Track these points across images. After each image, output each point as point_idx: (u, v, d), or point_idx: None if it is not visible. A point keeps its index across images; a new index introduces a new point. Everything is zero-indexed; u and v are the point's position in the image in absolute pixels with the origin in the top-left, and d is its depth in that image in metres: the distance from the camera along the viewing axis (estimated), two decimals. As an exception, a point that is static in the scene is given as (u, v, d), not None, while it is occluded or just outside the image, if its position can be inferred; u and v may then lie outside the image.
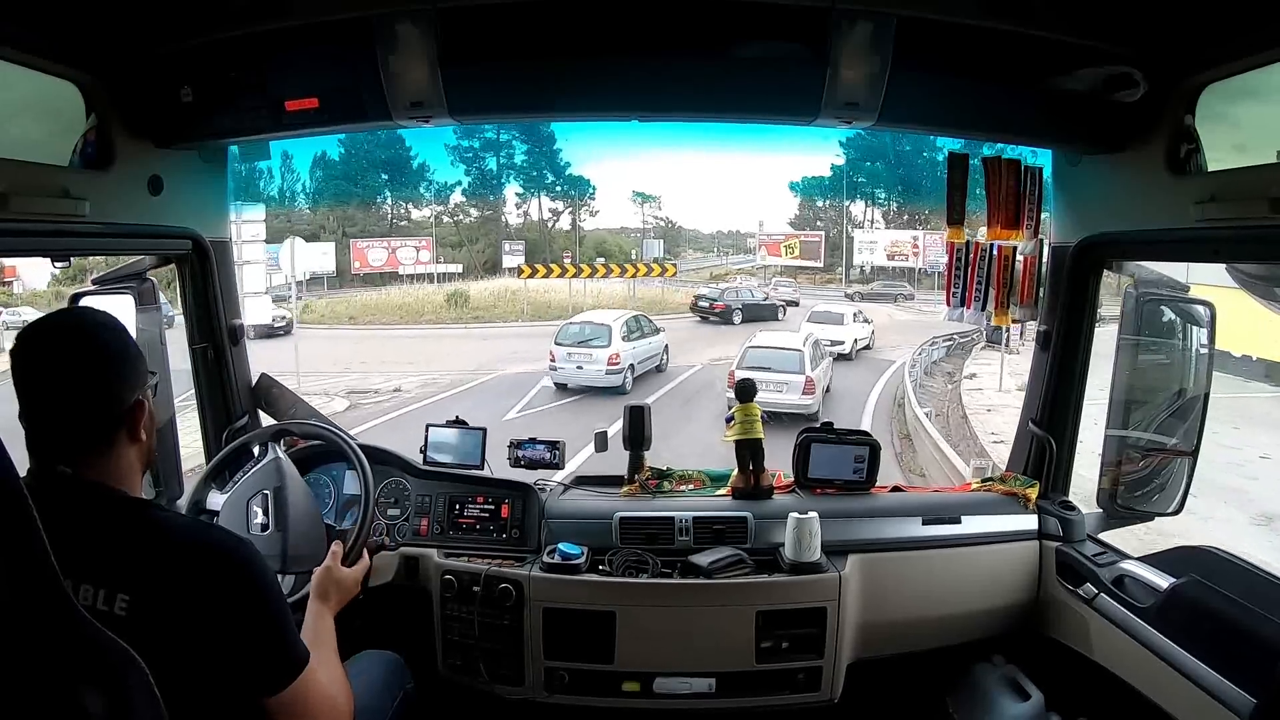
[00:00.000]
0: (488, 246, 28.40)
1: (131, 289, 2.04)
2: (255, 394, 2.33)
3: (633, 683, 1.93)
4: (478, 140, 28.07)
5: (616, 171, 36.42)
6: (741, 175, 38.36)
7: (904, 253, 28.67)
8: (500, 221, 30.03)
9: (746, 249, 32.02)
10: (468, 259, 27.92)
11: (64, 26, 1.55)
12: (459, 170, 29.92)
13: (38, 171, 1.58)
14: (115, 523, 1.06)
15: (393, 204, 29.31)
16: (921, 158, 29.06)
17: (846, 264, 29.59)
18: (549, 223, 30.61)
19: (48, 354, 1.09)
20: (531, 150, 29.36)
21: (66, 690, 0.82)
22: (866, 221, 30.56)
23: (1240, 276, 1.75)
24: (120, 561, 1.02)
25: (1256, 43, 1.43)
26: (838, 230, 30.34)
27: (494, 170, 29.64)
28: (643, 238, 29.64)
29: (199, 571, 1.05)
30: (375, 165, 28.32)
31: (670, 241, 31.02)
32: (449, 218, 29.82)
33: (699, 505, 2.15)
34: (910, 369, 15.03)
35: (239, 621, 1.06)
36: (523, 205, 30.37)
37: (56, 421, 1.08)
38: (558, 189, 30.03)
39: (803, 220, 31.34)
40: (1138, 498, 2.06)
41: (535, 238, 29.10)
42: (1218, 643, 1.53)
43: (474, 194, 29.94)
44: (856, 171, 30.50)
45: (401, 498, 2.16)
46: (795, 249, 30.08)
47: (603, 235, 30.61)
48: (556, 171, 29.85)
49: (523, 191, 29.96)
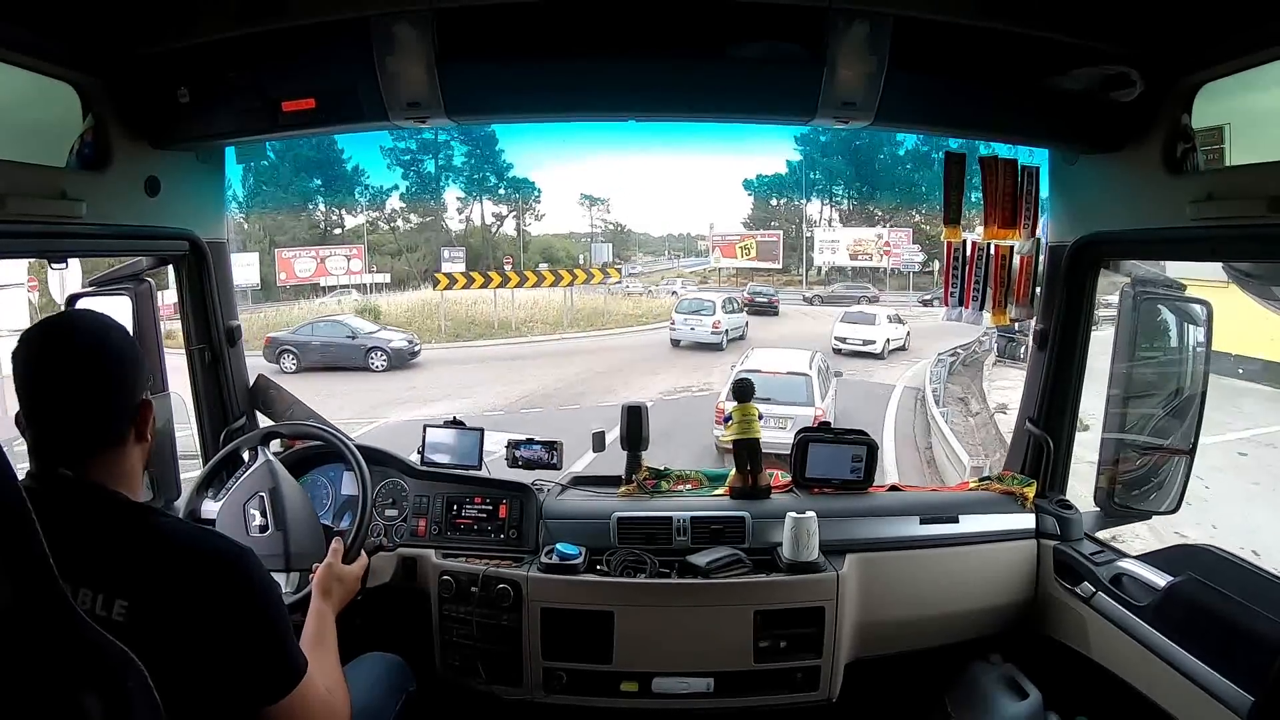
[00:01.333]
0: (428, 254, 26.00)
1: (128, 290, 2.04)
2: (253, 395, 2.32)
3: (631, 683, 1.93)
4: (414, 141, 25.70)
5: (563, 174, 35.25)
6: (693, 176, 36.80)
7: (868, 251, 26.65)
8: (441, 227, 27.85)
9: (698, 252, 30.13)
10: (406, 268, 25.74)
11: (61, 27, 1.55)
12: (395, 174, 27.78)
13: (35, 173, 1.58)
14: (116, 527, 1.05)
15: (326, 210, 26.74)
16: (883, 152, 27.39)
17: (806, 264, 27.48)
18: (492, 228, 28.50)
19: (54, 356, 1.08)
20: (472, 152, 26.99)
21: (66, 694, 0.82)
22: (823, 220, 28.59)
23: (1237, 275, 1.76)
24: (120, 567, 1.01)
25: (1252, 42, 1.43)
26: (795, 229, 28.28)
27: (433, 173, 27.37)
28: (591, 242, 27.86)
29: (199, 579, 1.04)
30: (306, 169, 25.60)
31: (620, 245, 29.21)
32: (385, 224, 27.50)
33: (697, 505, 2.15)
34: (920, 399, 12.61)
35: (238, 630, 1.05)
36: (465, 210, 28.19)
37: (62, 424, 1.07)
38: (500, 192, 27.90)
39: (757, 220, 29.13)
40: (1135, 496, 2.06)
41: (478, 244, 27.31)
42: (1215, 641, 1.54)
43: (413, 198, 27.51)
44: (814, 167, 28.35)
45: (399, 498, 2.16)
46: (752, 250, 27.73)
47: (549, 240, 28.99)
48: (499, 173, 27.66)
49: (464, 195, 27.75)
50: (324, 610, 1.47)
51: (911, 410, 12.58)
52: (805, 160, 27.99)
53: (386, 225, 27.30)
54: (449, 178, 27.40)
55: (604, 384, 14.33)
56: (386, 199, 27.15)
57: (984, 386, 13.57)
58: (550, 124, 1.96)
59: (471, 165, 27.37)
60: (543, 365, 16.00)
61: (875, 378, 15.05)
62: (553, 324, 20.87)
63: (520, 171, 27.39)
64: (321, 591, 1.50)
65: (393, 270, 25.19)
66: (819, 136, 24.83)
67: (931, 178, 26.04)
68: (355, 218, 26.71)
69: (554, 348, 18.28)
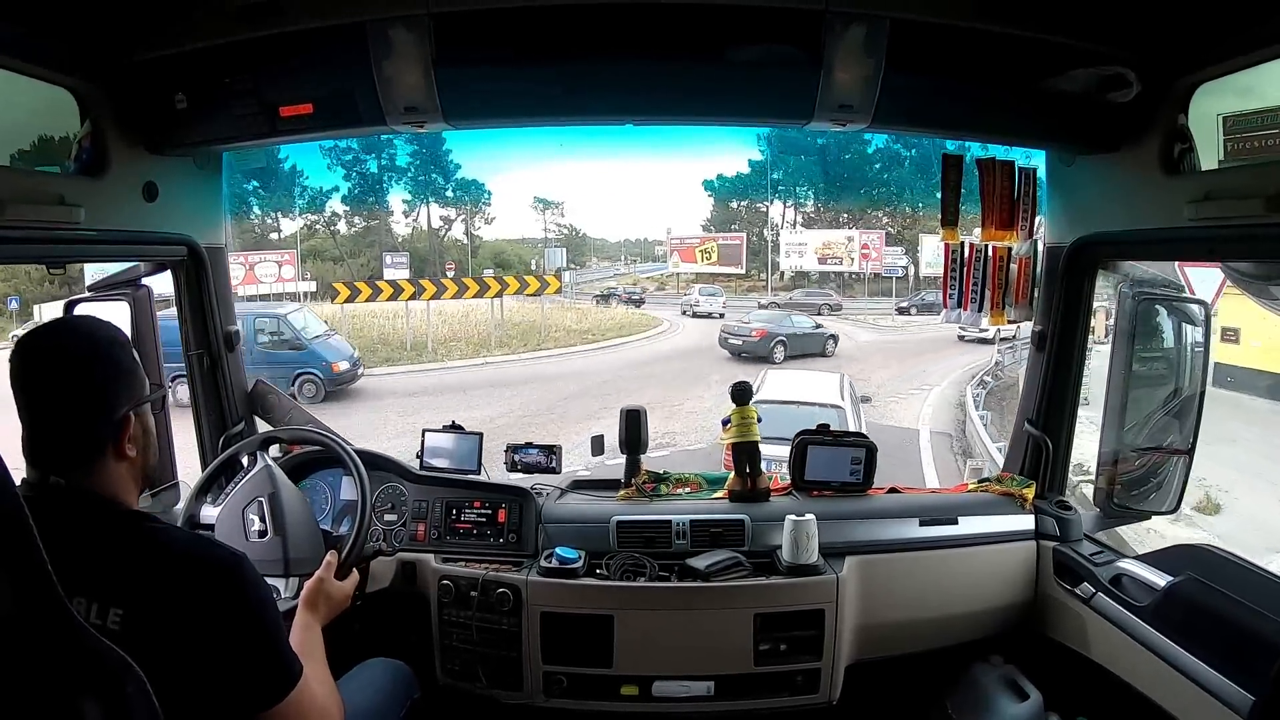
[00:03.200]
0: (371, 260, 23.81)
1: (127, 295, 2.04)
2: (251, 400, 2.32)
3: (631, 686, 1.93)
4: (356, 140, 22.74)
5: (516, 177, 33.06)
6: (652, 179, 35.88)
7: (838, 255, 24.57)
8: (386, 231, 26.02)
9: (656, 257, 28.60)
10: (349, 275, 23.19)
11: (58, 33, 1.55)
12: (337, 175, 25.02)
13: (33, 178, 1.58)
14: (109, 536, 1.05)
15: (262, 214, 24.47)
16: (851, 151, 25.49)
17: (771, 269, 25.62)
18: (440, 232, 26.77)
19: (40, 363, 1.09)
20: (417, 152, 24.99)
21: (65, 700, 0.82)
22: (786, 223, 26.65)
23: (1235, 275, 1.76)
24: (114, 575, 1.01)
25: (1248, 42, 1.44)
26: (758, 232, 26.48)
27: (376, 173, 25.35)
28: (545, 247, 26.61)
29: (193, 586, 1.04)
30: (241, 170, 23.05)
31: (575, 250, 28.15)
32: (324, 228, 25.41)
33: (696, 508, 2.14)
34: (960, 449, 10.20)
35: (233, 636, 1.05)
36: (411, 213, 26.32)
37: (47, 432, 1.08)
38: (448, 195, 26.17)
39: (718, 222, 27.36)
40: (1134, 497, 2.06)
41: (425, 249, 25.63)
42: (1216, 640, 1.54)
43: (355, 201, 25.39)
44: (778, 166, 26.35)
45: (398, 503, 2.16)
46: (713, 254, 25.74)
47: (501, 245, 27.55)
48: (446, 174, 25.86)
49: (410, 198, 25.95)
50: (310, 623, 1.46)
51: (954, 460, 10.06)
52: (769, 159, 26.23)
53: (327, 229, 25.48)
54: (393, 179, 25.62)
55: (535, 434, 9.82)
56: (327, 201, 25.12)
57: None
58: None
59: (417, 166, 25.71)
60: (452, 403, 12.23)
61: (889, 419, 11.74)
62: (478, 344, 17.25)
63: (470, 173, 25.80)
64: (308, 605, 1.49)
65: (334, 277, 22.59)
66: (784, 133, 22.79)
67: (903, 176, 24.96)
68: (293, 222, 24.74)
69: (474, 377, 14.66)
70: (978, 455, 9.26)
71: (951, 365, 14.72)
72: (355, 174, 24.93)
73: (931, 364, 14.92)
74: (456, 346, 17.10)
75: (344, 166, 24.41)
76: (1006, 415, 9.98)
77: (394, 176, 25.48)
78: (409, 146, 24.38)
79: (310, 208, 24.78)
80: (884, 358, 16.44)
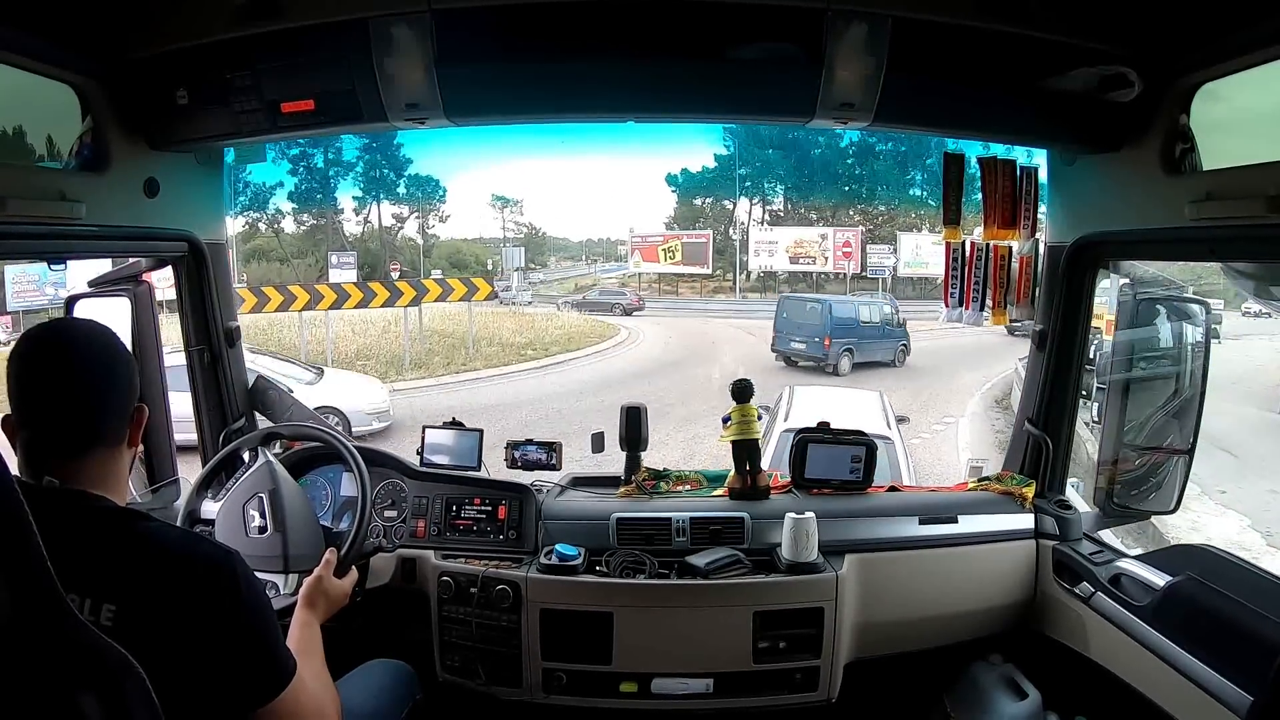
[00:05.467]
0: (320, 260, 22.10)
1: (127, 291, 2.04)
2: (251, 396, 2.32)
3: (630, 683, 1.93)
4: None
5: (473, 174, 31.47)
6: (616, 178, 34.48)
7: (810, 254, 22.87)
8: (335, 230, 24.44)
9: (618, 256, 27.00)
10: (294, 276, 21.79)
11: (59, 29, 1.55)
12: (282, 169, 22.93)
13: (33, 174, 1.58)
14: (103, 533, 1.05)
15: None
16: (822, 146, 23.86)
17: (739, 268, 24.13)
18: (393, 230, 25.46)
19: (57, 355, 1.10)
20: (367, 145, 23.31)
21: (63, 696, 0.82)
22: (752, 220, 25.11)
23: (1236, 275, 1.75)
24: (107, 572, 1.02)
25: (1251, 42, 1.43)
26: (725, 230, 24.92)
27: (322, 168, 23.59)
28: (503, 246, 25.30)
29: (185, 583, 1.04)
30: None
31: (535, 250, 26.91)
32: (266, 226, 23.87)
33: (696, 506, 2.15)
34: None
35: (223, 634, 1.06)
36: (363, 211, 24.86)
37: (61, 422, 1.08)
38: (400, 191, 24.66)
39: (682, 219, 25.73)
40: (1134, 496, 2.06)
41: (377, 248, 24.57)
42: (1215, 640, 1.54)
43: (303, 198, 23.61)
44: (745, 161, 24.67)
45: (398, 499, 2.16)
46: (677, 253, 23.98)
47: (457, 244, 26.31)
48: (397, 169, 24.34)
49: (362, 195, 24.38)
50: (308, 620, 1.46)
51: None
52: (736, 153, 24.54)
53: (269, 228, 24.01)
54: (341, 174, 23.99)
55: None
56: (271, 198, 23.48)
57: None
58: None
59: (366, 160, 24.11)
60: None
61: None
62: (388, 362, 14.00)
63: (425, 169, 24.32)
64: (307, 603, 1.50)
65: (280, 279, 20.74)
66: (752, 125, 21.56)
67: (879, 171, 23.76)
68: (235, 221, 22.12)
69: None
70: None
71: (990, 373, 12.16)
72: (302, 168, 23.28)
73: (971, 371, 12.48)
74: (361, 366, 13.55)
75: (290, 161, 22.56)
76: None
77: (341, 171, 24.05)
78: (357, 140, 22.50)
79: (253, 205, 23.12)
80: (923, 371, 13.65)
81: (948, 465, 8.39)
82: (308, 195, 23.75)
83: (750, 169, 24.86)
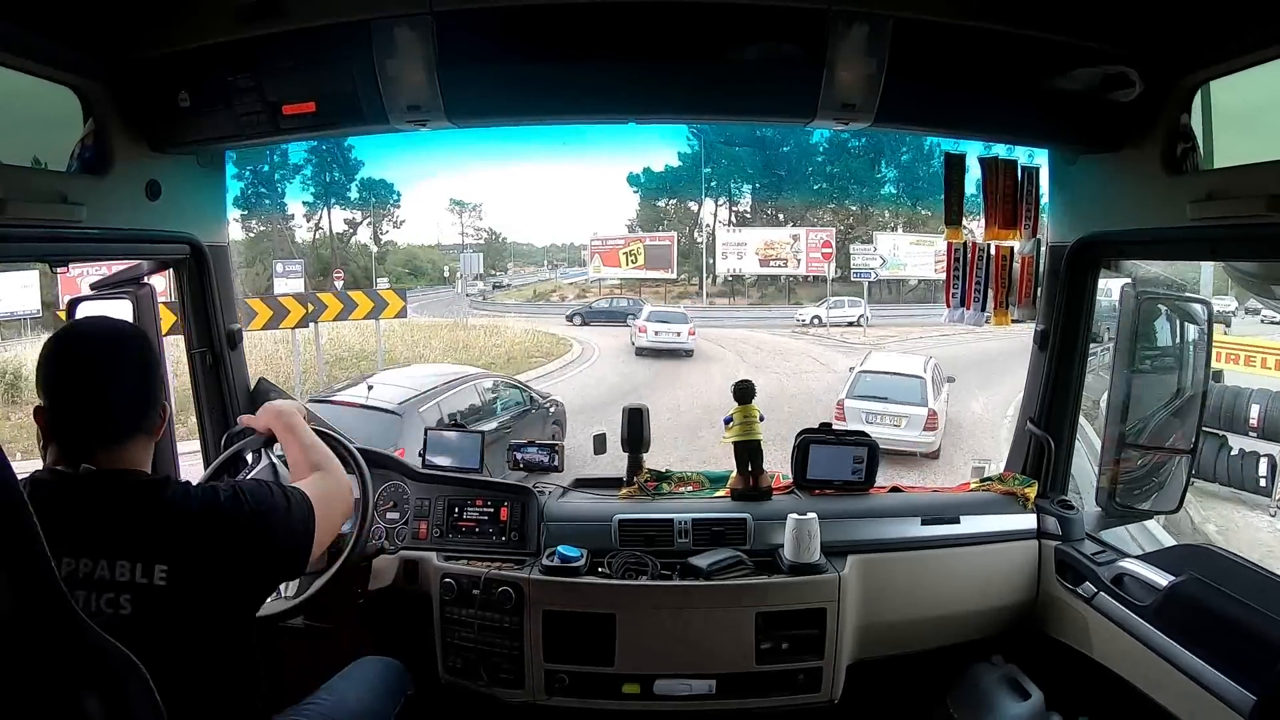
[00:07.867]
0: (267, 269, 19.63)
1: (129, 294, 2.04)
2: (254, 398, 2.32)
3: (633, 685, 1.93)
4: None
5: (431, 178, 30.48)
6: (578, 183, 33.15)
7: (782, 256, 21.77)
8: (283, 236, 23.13)
9: (582, 262, 25.65)
10: (240, 287, 15.58)
11: (61, 31, 1.55)
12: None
13: (35, 177, 1.58)
14: (143, 502, 1.15)
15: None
16: (791, 143, 22.87)
17: (705, 271, 22.89)
18: (346, 237, 24.35)
19: (101, 346, 1.20)
20: (315, 148, 22.05)
21: (66, 694, 0.83)
22: (718, 221, 24.12)
23: (1237, 274, 1.76)
24: (153, 536, 1.12)
25: (1252, 42, 1.43)
26: (689, 233, 23.73)
27: (267, 172, 22.51)
28: (461, 252, 24.75)
29: (219, 533, 1.17)
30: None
31: (495, 256, 26.50)
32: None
33: (698, 507, 2.15)
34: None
35: (264, 558, 1.22)
36: (314, 216, 23.66)
37: (104, 410, 1.17)
38: (351, 195, 23.64)
39: (645, 222, 24.57)
40: (1136, 496, 2.06)
41: (329, 255, 23.40)
42: (1217, 640, 1.54)
43: (249, 203, 22.28)
44: (710, 159, 23.53)
45: (400, 501, 2.16)
46: (639, 256, 22.62)
47: (414, 251, 25.64)
48: (348, 173, 23.24)
49: (312, 200, 23.23)
50: (293, 425, 1.58)
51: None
52: (702, 151, 23.48)
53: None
54: (286, 177, 22.93)
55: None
56: None
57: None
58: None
59: (314, 163, 23.12)
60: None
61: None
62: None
63: (376, 172, 23.46)
64: (284, 427, 1.59)
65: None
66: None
67: (852, 169, 22.92)
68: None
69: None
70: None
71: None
72: (248, 171, 22.17)
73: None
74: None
75: (234, 165, 19.70)
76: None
77: (287, 175, 23.03)
78: (304, 142, 19.31)
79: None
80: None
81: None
82: (254, 200, 22.78)
83: (716, 167, 23.97)
